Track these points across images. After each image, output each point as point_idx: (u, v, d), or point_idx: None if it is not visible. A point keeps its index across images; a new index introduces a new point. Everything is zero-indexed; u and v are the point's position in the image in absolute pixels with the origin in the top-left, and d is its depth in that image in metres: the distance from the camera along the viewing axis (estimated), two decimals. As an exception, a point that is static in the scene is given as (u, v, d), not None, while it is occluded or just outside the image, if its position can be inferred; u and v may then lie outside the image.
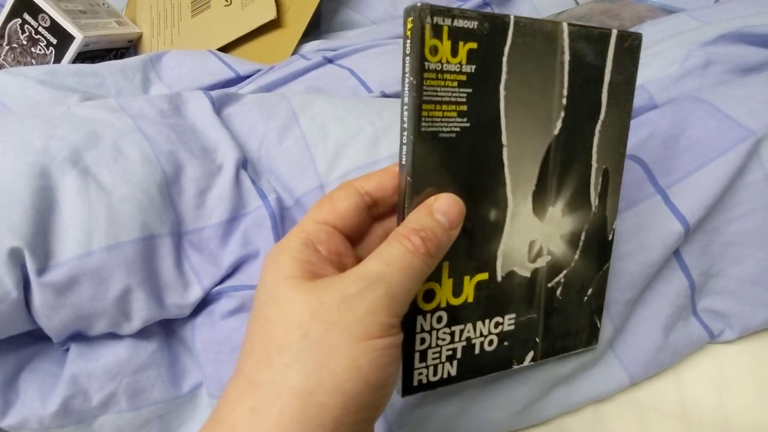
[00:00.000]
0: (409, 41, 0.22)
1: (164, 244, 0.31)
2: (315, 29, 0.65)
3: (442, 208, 0.23)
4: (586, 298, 0.29)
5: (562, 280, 0.28)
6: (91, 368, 0.31)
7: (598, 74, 0.26)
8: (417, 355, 0.25)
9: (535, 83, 0.24)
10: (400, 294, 0.21)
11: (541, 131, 0.25)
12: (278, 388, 0.20)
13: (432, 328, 0.25)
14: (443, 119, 0.23)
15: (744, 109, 0.34)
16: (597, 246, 0.28)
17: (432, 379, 0.26)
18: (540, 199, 0.26)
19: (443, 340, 0.25)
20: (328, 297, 0.21)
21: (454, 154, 0.23)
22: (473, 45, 0.23)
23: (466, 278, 0.25)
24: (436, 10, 0.22)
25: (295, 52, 0.57)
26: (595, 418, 0.35)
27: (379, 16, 0.64)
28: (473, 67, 0.23)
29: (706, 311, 0.36)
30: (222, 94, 0.41)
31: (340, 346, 0.20)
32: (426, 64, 0.22)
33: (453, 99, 0.23)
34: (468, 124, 0.23)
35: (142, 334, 0.32)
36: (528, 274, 0.26)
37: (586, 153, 0.26)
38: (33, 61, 0.57)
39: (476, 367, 0.27)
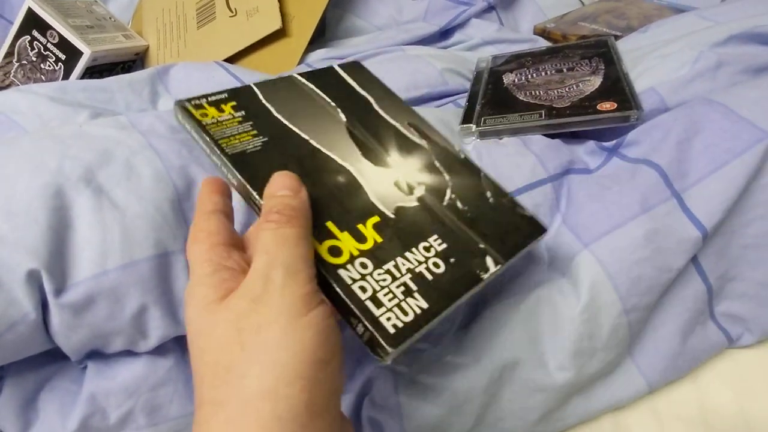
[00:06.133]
0: (184, 123, 0.30)
1: (178, 260, 0.32)
2: (320, 37, 0.66)
3: (278, 185, 0.26)
4: (491, 199, 0.33)
5: (453, 196, 0.32)
6: (109, 386, 0.31)
7: (345, 85, 0.37)
8: (369, 303, 0.25)
9: (301, 104, 0.34)
10: (294, 263, 0.23)
11: (332, 123, 0.33)
12: (244, 398, 0.21)
13: (362, 275, 0.26)
14: (243, 142, 0.29)
15: (758, 110, 0.34)
16: (457, 164, 0.34)
17: (405, 319, 0.25)
18: (372, 156, 0.32)
19: (384, 280, 0.26)
20: (241, 306, 0.22)
21: (271, 157, 0.29)
22: (233, 103, 0.31)
23: (360, 226, 0.28)
24: (191, 98, 0.30)
25: (301, 61, 0.57)
26: (613, 426, 0.35)
27: (384, 22, 0.64)
28: (242, 112, 0.31)
29: (724, 315, 0.36)
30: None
31: (280, 338, 0.21)
32: (203, 122, 0.29)
33: (243, 130, 0.30)
34: (266, 139, 0.30)
35: (159, 350, 0.32)
36: (416, 203, 0.31)
37: (382, 120, 0.35)
38: (42, 77, 0.57)
39: (442, 292, 0.27)
